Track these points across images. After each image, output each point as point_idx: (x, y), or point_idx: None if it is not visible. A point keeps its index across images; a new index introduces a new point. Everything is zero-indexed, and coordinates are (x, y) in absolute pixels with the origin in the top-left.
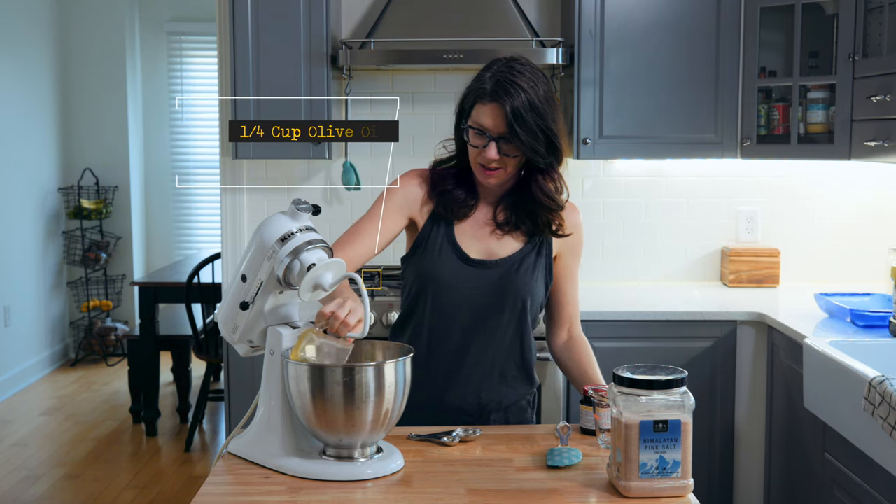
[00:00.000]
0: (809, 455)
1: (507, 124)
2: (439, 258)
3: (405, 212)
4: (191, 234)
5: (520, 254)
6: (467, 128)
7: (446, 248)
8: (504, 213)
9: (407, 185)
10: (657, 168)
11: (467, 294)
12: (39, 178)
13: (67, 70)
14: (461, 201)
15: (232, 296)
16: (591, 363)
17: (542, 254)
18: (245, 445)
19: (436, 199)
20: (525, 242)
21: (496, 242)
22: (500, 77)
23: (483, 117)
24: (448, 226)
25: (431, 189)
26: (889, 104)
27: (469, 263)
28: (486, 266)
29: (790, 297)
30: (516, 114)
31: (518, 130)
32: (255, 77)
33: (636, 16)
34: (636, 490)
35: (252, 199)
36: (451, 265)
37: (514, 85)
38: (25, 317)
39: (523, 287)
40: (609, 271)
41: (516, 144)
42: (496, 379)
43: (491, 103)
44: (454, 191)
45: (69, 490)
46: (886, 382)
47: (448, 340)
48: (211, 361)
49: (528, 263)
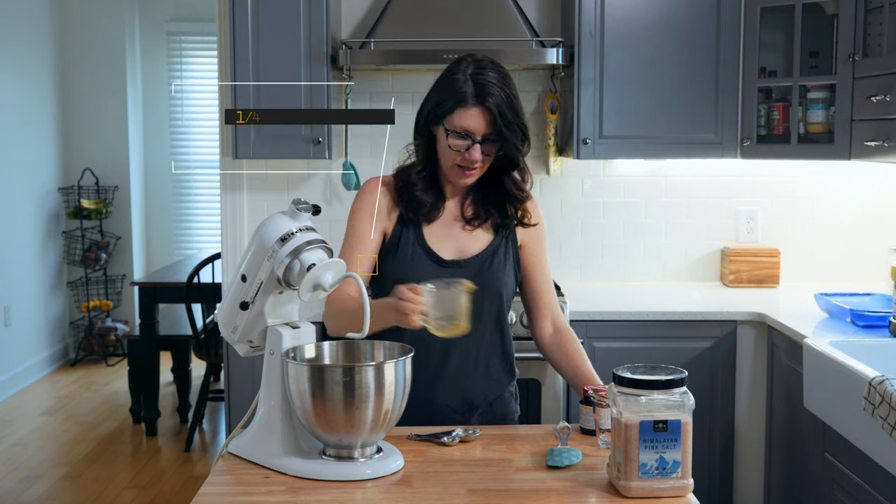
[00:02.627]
0: (809, 455)
1: (495, 127)
2: (412, 263)
3: (379, 223)
4: (191, 234)
5: (490, 248)
6: (449, 132)
7: (418, 252)
8: (472, 208)
9: (371, 195)
10: (657, 168)
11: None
12: (39, 178)
13: (67, 70)
14: (430, 205)
15: (232, 296)
16: (582, 359)
17: (509, 245)
18: (245, 445)
19: (404, 205)
20: (494, 235)
21: (467, 238)
22: (477, 80)
23: (467, 121)
24: (417, 228)
25: (397, 195)
26: (889, 104)
27: (443, 265)
28: (461, 266)
29: (790, 297)
30: (503, 115)
31: (504, 131)
32: (255, 77)
33: (636, 16)
34: (636, 490)
35: (252, 199)
36: (426, 269)
37: (492, 86)
38: (25, 317)
39: (499, 281)
40: (609, 271)
41: (500, 144)
42: (481, 374)
43: (475, 107)
44: (421, 195)
45: (69, 490)
46: (886, 382)
47: (432, 342)
48: (211, 361)
49: (499, 257)
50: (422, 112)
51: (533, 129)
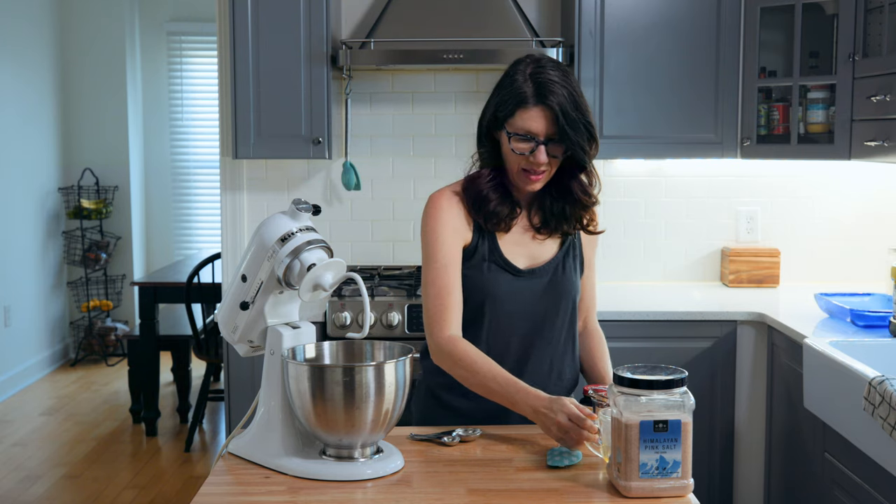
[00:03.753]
0: (809, 455)
1: (558, 126)
2: (490, 274)
3: (460, 236)
4: (191, 234)
5: (560, 255)
6: (511, 135)
7: (493, 262)
8: (539, 216)
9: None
10: (657, 168)
11: (522, 305)
12: (39, 178)
13: (67, 70)
14: (506, 215)
15: (232, 296)
16: (602, 354)
17: (576, 251)
18: (245, 445)
19: (482, 217)
20: (561, 242)
21: (537, 246)
22: (537, 79)
23: (529, 122)
24: (492, 238)
25: (472, 207)
26: (889, 104)
27: (519, 275)
28: (535, 275)
29: (790, 297)
30: (565, 113)
31: (568, 130)
32: (255, 77)
33: (636, 16)
34: (636, 490)
35: (252, 199)
36: (503, 279)
37: (553, 84)
38: (25, 317)
39: (571, 287)
40: (609, 271)
41: (565, 144)
42: (554, 381)
43: (536, 107)
44: (497, 206)
45: (69, 490)
46: (886, 382)
47: (507, 352)
48: (211, 361)
49: (568, 263)
50: (483, 118)
51: None
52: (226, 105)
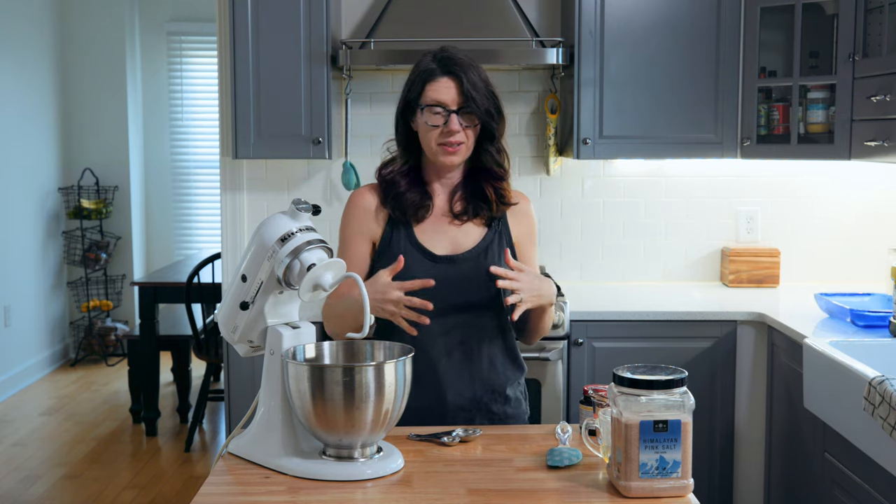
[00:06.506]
0: (809, 455)
1: (464, 93)
2: (406, 262)
3: (364, 237)
4: (191, 234)
5: (483, 242)
6: (423, 108)
7: (411, 251)
8: (461, 203)
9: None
10: (657, 168)
11: (443, 291)
12: (39, 178)
13: (67, 70)
14: (417, 203)
15: (232, 296)
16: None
17: (503, 239)
18: (245, 445)
19: (391, 205)
20: (486, 230)
21: (459, 233)
22: (441, 55)
23: (439, 93)
24: (407, 228)
25: (384, 197)
26: (889, 104)
27: (437, 261)
28: (455, 261)
29: (790, 297)
30: (472, 83)
31: (476, 97)
32: (255, 77)
33: (636, 16)
34: (636, 490)
35: (252, 199)
36: (420, 267)
37: (459, 59)
38: (25, 317)
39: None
40: (609, 271)
41: (474, 111)
42: (486, 367)
43: (443, 77)
44: (407, 193)
45: (69, 490)
46: (886, 382)
47: (435, 342)
48: (211, 361)
49: (493, 250)
50: (398, 108)
51: (533, 129)
52: (226, 105)
